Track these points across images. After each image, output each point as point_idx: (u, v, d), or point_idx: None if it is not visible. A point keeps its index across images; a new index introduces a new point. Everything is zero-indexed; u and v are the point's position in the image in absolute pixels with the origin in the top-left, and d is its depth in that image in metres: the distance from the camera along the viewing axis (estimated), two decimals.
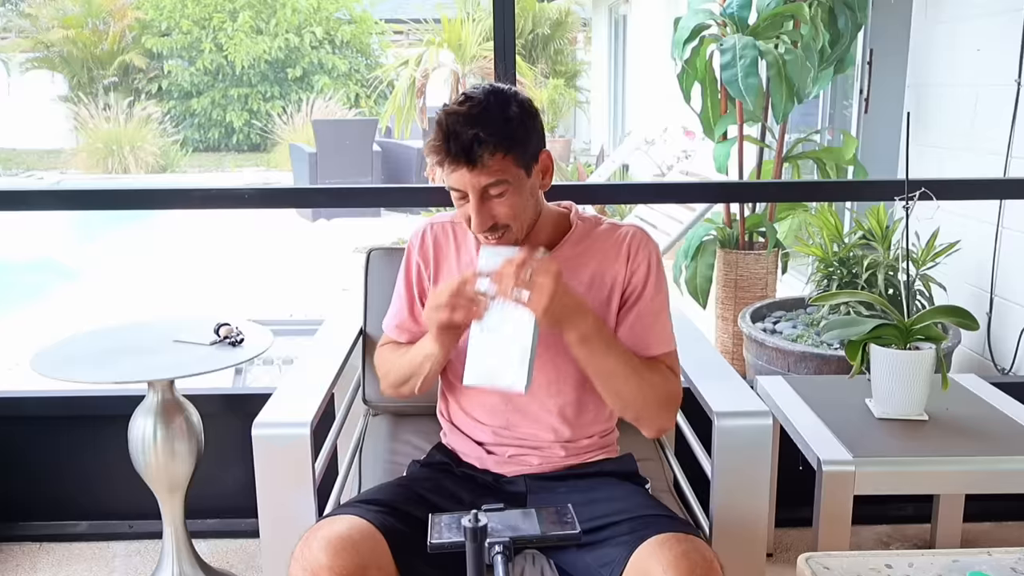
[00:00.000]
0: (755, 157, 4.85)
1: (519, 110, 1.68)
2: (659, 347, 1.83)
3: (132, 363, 2.36)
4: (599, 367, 1.72)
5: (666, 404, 1.79)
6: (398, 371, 1.90)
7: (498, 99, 1.67)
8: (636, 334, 1.81)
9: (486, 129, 1.62)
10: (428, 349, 1.78)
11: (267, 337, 2.52)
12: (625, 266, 1.84)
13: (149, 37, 18.64)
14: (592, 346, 1.69)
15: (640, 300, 1.83)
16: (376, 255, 2.37)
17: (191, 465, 2.50)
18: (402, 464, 2.07)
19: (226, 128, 18.86)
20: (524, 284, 1.60)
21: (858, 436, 2.16)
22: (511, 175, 1.67)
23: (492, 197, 1.68)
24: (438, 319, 1.67)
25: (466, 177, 1.65)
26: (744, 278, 4.56)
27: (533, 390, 1.84)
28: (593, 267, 1.84)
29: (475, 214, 1.68)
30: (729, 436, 1.89)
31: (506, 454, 1.89)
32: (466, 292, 1.65)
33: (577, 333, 1.67)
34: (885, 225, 3.65)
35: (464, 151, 1.62)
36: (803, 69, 4.19)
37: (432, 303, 1.69)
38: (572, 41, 17.02)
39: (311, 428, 1.84)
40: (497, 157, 1.63)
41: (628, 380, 1.73)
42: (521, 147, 1.67)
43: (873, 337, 2.21)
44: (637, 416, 1.78)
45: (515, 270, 1.61)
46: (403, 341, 1.97)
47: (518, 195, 1.69)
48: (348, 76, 19.13)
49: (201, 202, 2.81)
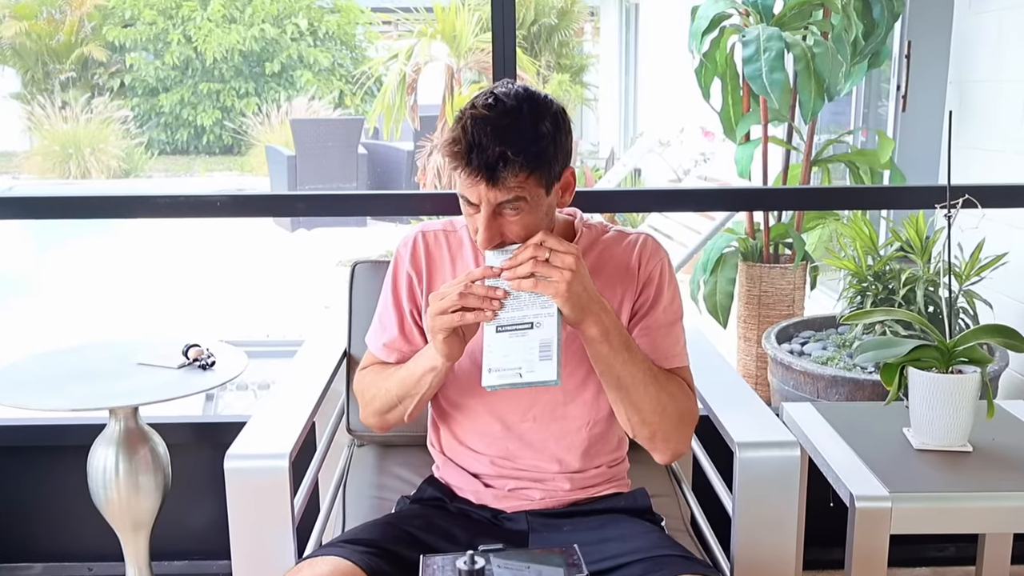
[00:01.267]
0: (781, 160, 4.86)
1: (552, 126, 1.66)
2: (674, 360, 1.84)
3: (91, 388, 2.36)
4: (619, 372, 1.72)
5: (683, 421, 1.80)
6: (386, 395, 1.89)
7: (532, 110, 1.65)
8: (649, 345, 1.82)
9: (515, 147, 1.60)
10: (430, 362, 1.77)
11: (241, 360, 2.53)
12: (635, 276, 1.86)
13: (111, 27, 18.64)
14: (613, 343, 1.69)
15: (652, 311, 1.84)
16: (361, 269, 2.38)
17: (157, 501, 2.50)
18: (390, 500, 2.07)
19: (196, 129, 18.86)
20: (543, 267, 1.61)
21: (895, 469, 2.16)
22: (530, 193, 1.65)
23: (505, 214, 1.67)
24: (447, 323, 1.66)
25: (482, 191, 1.63)
26: (769, 294, 4.56)
27: (537, 411, 1.84)
28: (601, 279, 1.84)
29: (483, 229, 1.66)
30: (752, 469, 1.89)
31: (506, 487, 1.89)
32: (476, 289, 1.65)
33: (599, 327, 1.67)
34: (925, 236, 3.66)
35: (487, 168, 1.60)
36: (834, 63, 4.20)
37: (438, 307, 1.67)
38: (579, 32, 17.07)
39: (290, 460, 1.84)
40: (520, 177, 1.62)
41: (648, 388, 1.73)
42: (547, 167, 1.66)
43: (911, 360, 2.21)
44: (652, 434, 1.78)
45: (532, 250, 1.61)
46: (391, 362, 1.96)
47: (533, 214, 1.68)
48: (331, 71, 19.14)
49: (168, 210, 2.81)
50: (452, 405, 1.93)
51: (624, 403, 1.76)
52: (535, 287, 1.62)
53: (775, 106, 4.38)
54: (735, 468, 1.90)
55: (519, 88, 1.68)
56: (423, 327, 1.90)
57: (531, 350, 1.61)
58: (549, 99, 1.69)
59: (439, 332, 1.68)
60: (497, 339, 1.64)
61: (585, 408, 1.88)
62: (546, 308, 1.63)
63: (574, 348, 1.78)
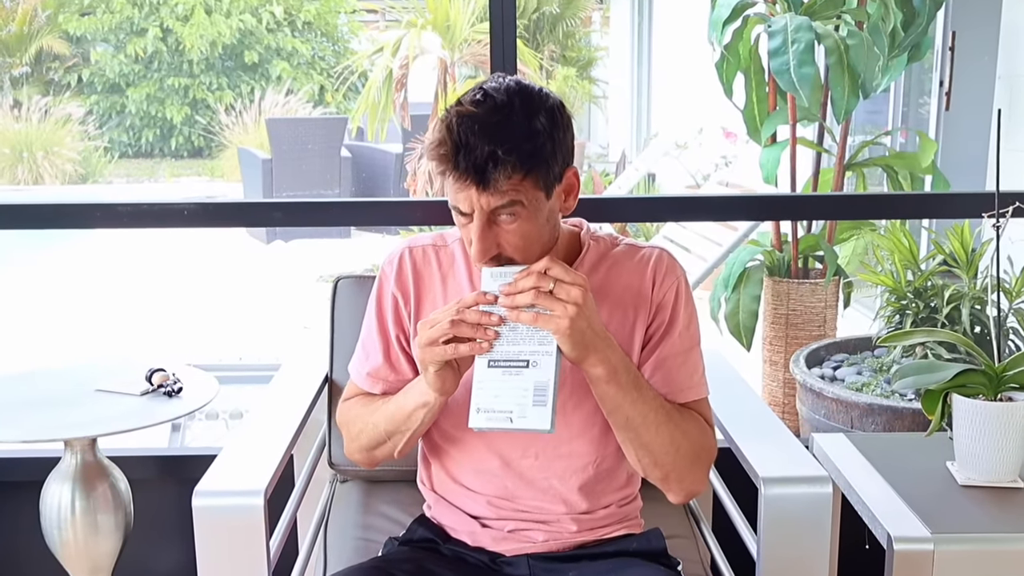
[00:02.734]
0: (811, 164, 4.87)
1: (548, 122, 1.66)
2: (690, 393, 1.84)
3: (44, 417, 2.36)
4: (628, 413, 1.72)
5: (699, 460, 1.80)
6: (374, 430, 1.88)
7: (524, 105, 1.65)
8: (663, 378, 1.82)
9: (506, 145, 1.60)
10: (422, 397, 1.77)
11: (211, 386, 2.53)
12: (648, 299, 1.85)
13: (68, 17, 18.63)
14: (621, 384, 1.69)
15: (666, 339, 1.84)
16: (344, 285, 2.38)
17: (117, 542, 2.49)
18: (376, 541, 2.07)
19: (162, 129, 18.84)
20: (544, 299, 1.60)
21: (937, 507, 2.16)
22: (527, 197, 1.65)
23: (501, 222, 1.67)
24: (438, 356, 1.66)
25: (473, 197, 1.64)
26: (797, 313, 4.56)
27: (540, 447, 1.84)
28: (610, 301, 1.84)
29: (477, 240, 1.66)
30: (779, 507, 1.90)
31: (505, 528, 1.89)
32: (469, 316, 1.65)
33: (606, 367, 1.67)
34: (971, 248, 3.66)
35: (476, 170, 1.61)
36: (870, 56, 4.21)
37: (427, 336, 1.67)
38: (586, 22, 17.10)
39: (265, 497, 1.84)
40: (515, 179, 1.62)
41: (660, 430, 1.73)
42: (544, 166, 1.66)
43: (956, 386, 2.21)
44: (666, 475, 1.78)
45: (535, 279, 1.61)
46: (376, 392, 1.95)
47: (531, 221, 1.68)
48: (311, 64, 19.15)
49: (130, 220, 2.82)
50: (446, 438, 1.93)
51: (634, 444, 1.76)
52: (535, 321, 1.61)
53: (804, 104, 4.39)
54: (760, 506, 1.90)
55: (510, 82, 1.68)
56: (412, 354, 1.90)
57: (525, 393, 1.61)
58: (544, 92, 1.70)
59: (430, 365, 1.68)
60: (488, 375, 1.64)
61: (593, 444, 1.87)
62: (544, 345, 1.62)
63: (580, 378, 1.76)
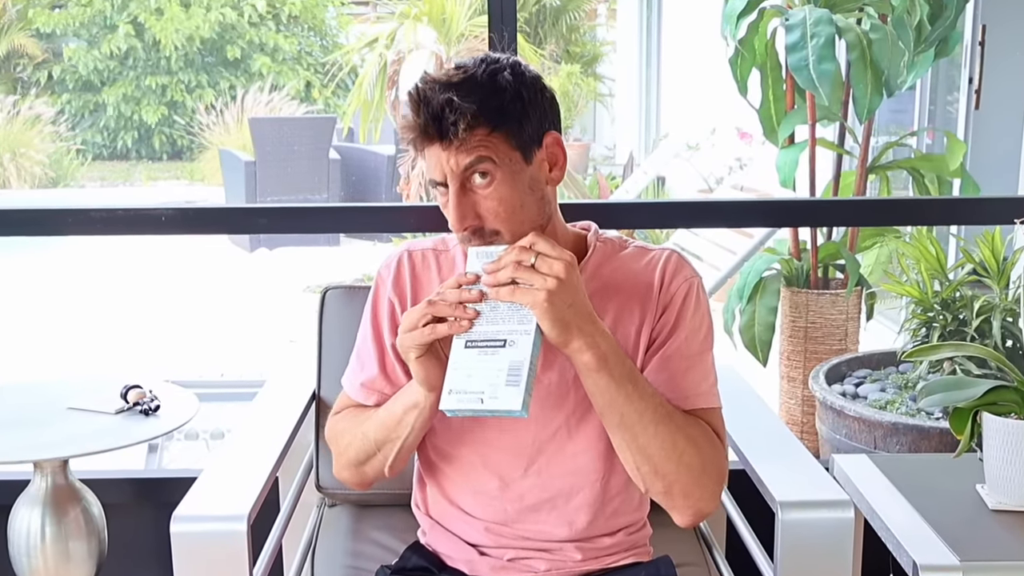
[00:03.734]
0: (831, 167, 4.87)
1: (513, 77, 1.70)
2: (697, 400, 1.82)
3: (12, 437, 2.37)
4: (622, 409, 1.70)
5: (707, 473, 1.76)
6: (363, 440, 1.88)
7: (488, 65, 1.71)
8: (667, 380, 1.80)
9: (462, 92, 1.65)
10: (412, 397, 1.78)
11: (190, 403, 2.53)
12: (656, 298, 1.85)
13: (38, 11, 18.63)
14: (613, 374, 1.68)
15: (671, 339, 1.83)
16: (333, 296, 2.38)
17: (90, 570, 2.50)
18: (367, 570, 2.08)
19: (139, 130, 18.82)
20: (525, 272, 1.61)
21: (966, 533, 2.16)
22: (497, 155, 1.68)
23: (476, 187, 1.69)
24: (417, 339, 1.66)
25: (441, 157, 1.67)
26: (817, 326, 4.57)
27: (542, 463, 1.84)
28: (618, 300, 1.85)
29: (452, 207, 1.69)
30: (797, 533, 1.90)
31: (504, 557, 1.90)
32: (448, 295, 1.66)
33: (594, 352, 1.65)
34: (1002, 257, 3.66)
35: (434, 119, 1.65)
36: (894, 51, 4.22)
37: (407, 322, 1.68)
38: (591, 15, 17.13)
39: (248, 523, 1.84)
40: (479, 132, 1.66)
41: (658, 429, 1.71)
42: (515, 123, 1.70)
43: (986, 403, 2.21)
44: (668, 487, 1.75)
45: (518, 253, 1.62)
46: (370, 404, 1.95)
47: (510, 185, 1.70)
48: (297, 59, 19.13)
49: (103, 226, 2.82)
50: (442, 456, 1.93)
51: (631, 448, 1.73)
52: (513, 295, 1.61)
53: (824, 102, 4.39)
54: (777, 532, 1.90)
55: (480, 56, 1.75)
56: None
57: (499, 372, 1.60)
58: (514, 59, 1.75)
59: (410, 350, 1.69)
60: (464, 355, 1.64)
61: (600, 460, 1.87)
62: (524, 324, 1.62)
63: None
